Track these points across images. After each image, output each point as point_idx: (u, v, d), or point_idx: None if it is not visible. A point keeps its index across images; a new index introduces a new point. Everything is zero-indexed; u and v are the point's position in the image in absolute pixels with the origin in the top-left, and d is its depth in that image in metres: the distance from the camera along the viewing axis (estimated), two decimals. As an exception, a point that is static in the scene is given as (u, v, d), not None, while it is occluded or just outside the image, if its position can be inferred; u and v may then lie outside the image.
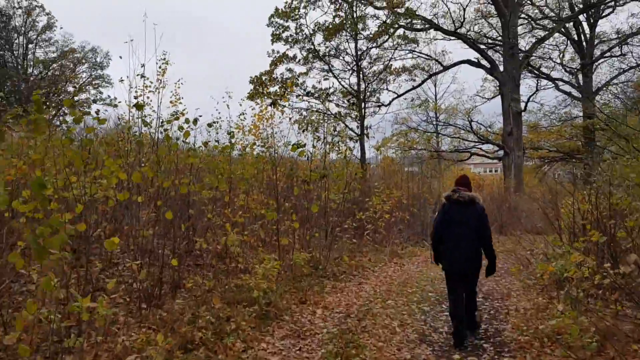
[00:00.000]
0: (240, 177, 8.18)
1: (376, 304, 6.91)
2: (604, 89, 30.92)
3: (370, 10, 23.16)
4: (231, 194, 8.21)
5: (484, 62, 24.89)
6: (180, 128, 6.63)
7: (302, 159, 10.33)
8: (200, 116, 6.58)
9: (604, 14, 27.57)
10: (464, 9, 24.57)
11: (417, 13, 23.68)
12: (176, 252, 6.44)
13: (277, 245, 7.85)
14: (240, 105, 26.69)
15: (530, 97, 27.39)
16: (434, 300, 7.33)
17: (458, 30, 24.71)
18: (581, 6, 26.41)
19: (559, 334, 5.36)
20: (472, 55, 30.43)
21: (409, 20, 23.36)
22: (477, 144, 26.40)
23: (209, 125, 7.97)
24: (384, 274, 9.37)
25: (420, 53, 25.12)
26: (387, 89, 24.35)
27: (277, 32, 23.13)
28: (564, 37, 28.87)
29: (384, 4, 22.56)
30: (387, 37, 22.91)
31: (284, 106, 19.98)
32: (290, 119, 11.94)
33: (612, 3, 25.72)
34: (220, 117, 9.88)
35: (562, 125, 33.84)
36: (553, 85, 30.67)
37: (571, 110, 37.49)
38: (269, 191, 9.21)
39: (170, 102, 9.68)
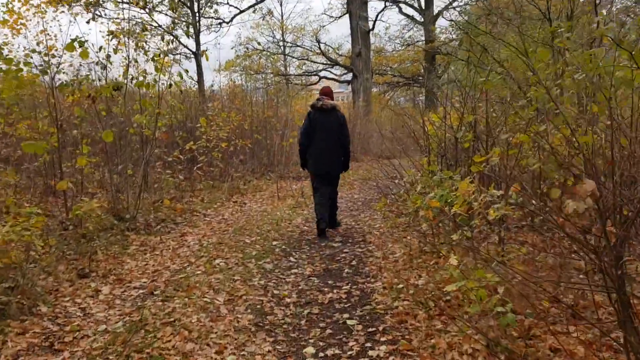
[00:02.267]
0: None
1: (198, 268, 4.88)
2: (444, 12, 31.27)
3: None
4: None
5: (331, -24, 22.98)
6: None
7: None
8: None
9: None
10: None
11: None
12: None
13: (52, 192, 5.34)
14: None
15: (377, 15, 26.40)
16: (280, 252, 5.51)
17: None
18: None
19: (446, 294, 3.88)
20: (319, -29, 28.32)
21: None
22: (326, 66, 24.94)
23: None
24: (218, 218, 7.33)
25: (263, -37, 22.32)
26: (227, 2, 21.36)
27: None
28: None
29: None
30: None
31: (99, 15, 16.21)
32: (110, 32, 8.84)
33: None
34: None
35: (406, 49, 34.05)
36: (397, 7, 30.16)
37: (414, 35, 37.92)
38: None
39: None
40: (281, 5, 29.40)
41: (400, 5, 29.64)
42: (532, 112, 4.20)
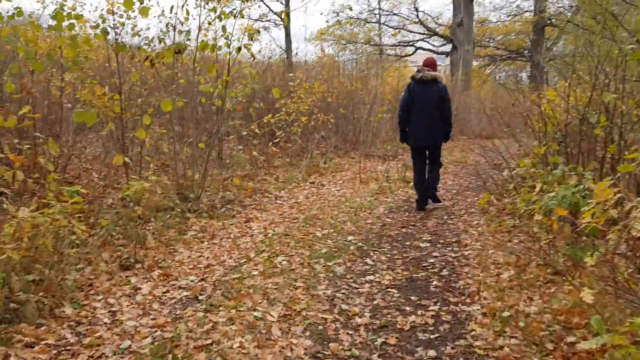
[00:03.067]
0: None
1: (256, 266, 4.14)
2: (561, -23, 28.16)
3: None
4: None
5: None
6: None
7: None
8: None
9: None
10: None
11: None
12: None
13: (107, 168, 4.82)
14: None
15: (483, -18, 24.10)
16: (355, 252, 4.62)
17: None
18: None
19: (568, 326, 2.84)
20: None
21: None
22: (423, 37, 23.30)
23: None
24: (290, 201, 6.59)
25: None
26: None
27: None
28: None
29: None
30: None
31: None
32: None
33: None
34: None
35: (512, 20, 31.32)
36: (506, -28, 27.58)
37: (522, 4, 34.75)
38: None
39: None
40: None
41: (509, -31, 27.03)
42: None
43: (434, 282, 3.92)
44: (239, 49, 5.37)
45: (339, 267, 4.19)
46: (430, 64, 6.32)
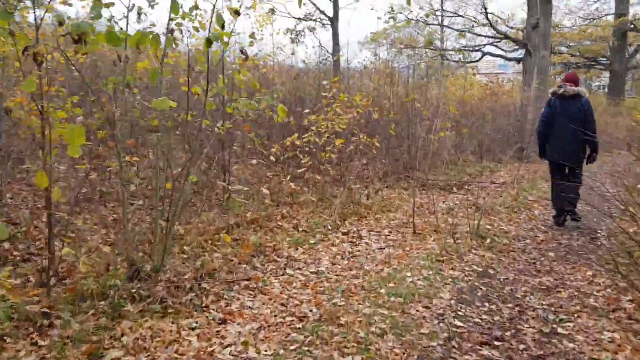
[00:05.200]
0: None
1: None
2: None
3: None
4: None
5: None
6: None
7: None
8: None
9: None
10: None
11: None
12: None
13: None
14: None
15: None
16: None
17: None
18: None
19: None
20: None
21: None
22: (492, 40, 20.56)
23: None
24: (306, 271, 4.39)
25: None
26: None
27: None
28: None
29: None
30: None
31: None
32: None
33: None
34: None
35: (590, 24, 28.04)
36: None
37: (601, 7, 31.28)
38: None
39: None
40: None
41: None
42: None
43: None
44: (209, 41, 3.27)
45: None
46: (573, 79, 6.25)
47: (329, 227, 5.63)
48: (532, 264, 4.84)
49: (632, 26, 25.68)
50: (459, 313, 3.64)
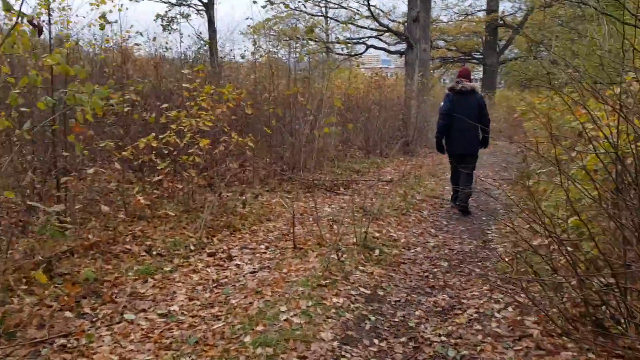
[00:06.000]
0: None
1: None
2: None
3: None
4: None
5: None
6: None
7: None
8: None
9: None
10: None
11: None
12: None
13: None
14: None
15: (439, -25, 21.71)
16: None
17: None
18: None
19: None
20: None
21: None
22: (375, 33, 20.48)
23: None
24: (152, 315, 3.38)
25: None
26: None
27: None
28: None
29: None
30: None
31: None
32: None
33: None
34: None
35: (464, 19, 29.42)
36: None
37: (475, 3, 33.03)
38: None
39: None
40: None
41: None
42: None
43: None
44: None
45: None
46: (467, 75, 6.63)
47: (192, 248, 4.65)
48: (424, 278, 4.26)
49: (502, 22, 27.26)
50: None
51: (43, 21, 4.28)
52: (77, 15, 16.77)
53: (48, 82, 4.33)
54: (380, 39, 20.79)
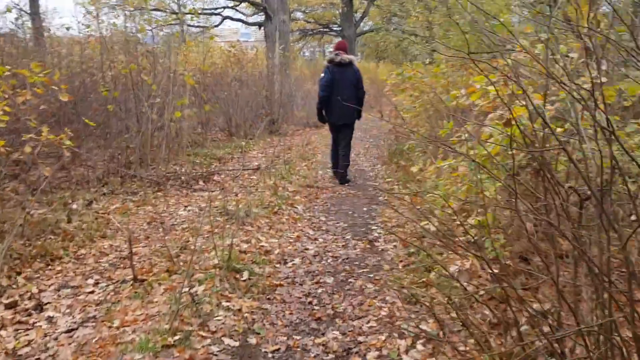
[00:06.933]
0: None
1: None
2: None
3: None
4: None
5: None
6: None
7: None
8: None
9: None
10: None
11: None
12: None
13: None
14: None
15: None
16: None
17: None
18: None
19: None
20: None
21: None
22: (230, 3, 18.98)
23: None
24: None
25: None
26: None
27: None
28: None
29: None
30: None
31: None
32: None
33: None
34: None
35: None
36: None
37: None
38: None
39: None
40: None
41: None
42: None
43: None
44: None
45: None
46: (344, 48, 6.82)
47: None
48: (307, 306, 3.36)
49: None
50: None
51: None
52: None
53: None
54: (237, 10, 19.40)
